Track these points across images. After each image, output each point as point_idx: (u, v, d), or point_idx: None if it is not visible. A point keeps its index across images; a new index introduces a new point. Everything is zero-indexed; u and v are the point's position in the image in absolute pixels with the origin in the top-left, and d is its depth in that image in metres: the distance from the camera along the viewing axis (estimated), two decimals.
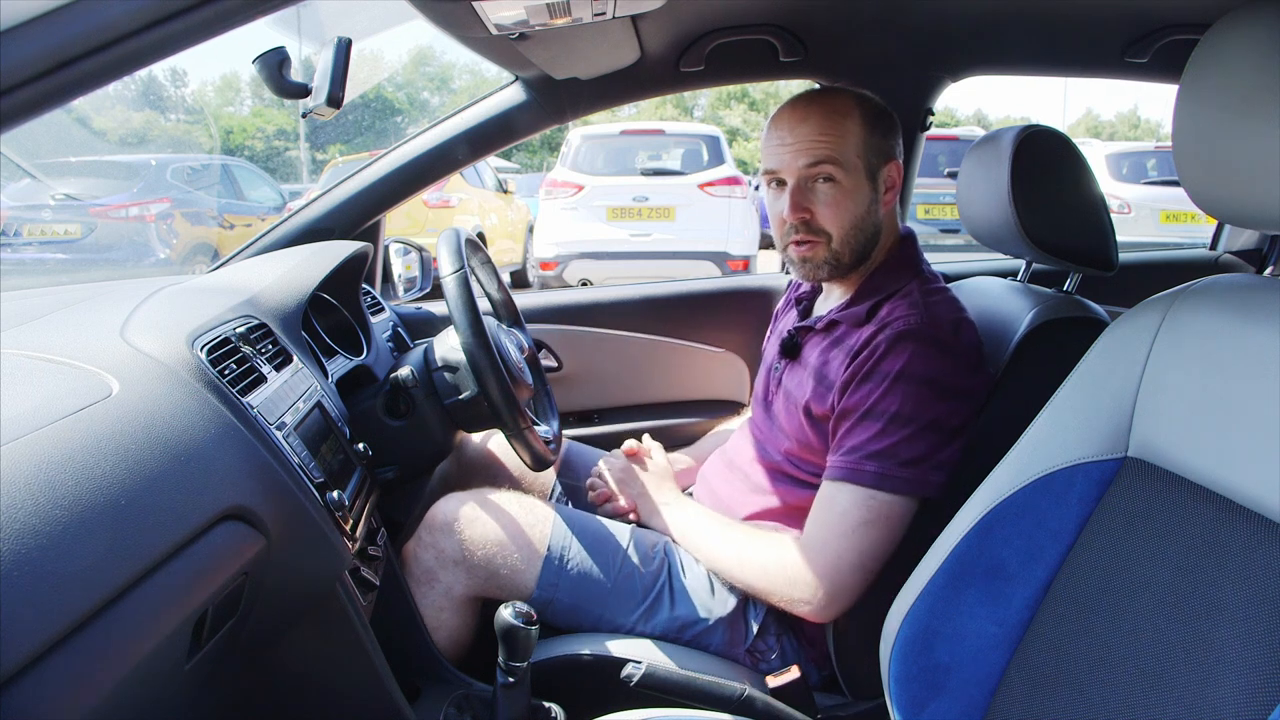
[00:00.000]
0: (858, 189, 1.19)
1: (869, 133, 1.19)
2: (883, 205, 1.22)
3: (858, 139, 1.18)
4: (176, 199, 7.11)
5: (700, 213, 6.22)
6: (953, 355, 1.12)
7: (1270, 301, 0.71)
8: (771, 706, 1.06)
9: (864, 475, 1.10)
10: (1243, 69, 0.70)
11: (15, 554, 0.54)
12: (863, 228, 1.20)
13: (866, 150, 1.19)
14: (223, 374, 0.89)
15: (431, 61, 33.07)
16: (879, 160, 1.20)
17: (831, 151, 1.17)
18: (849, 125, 1.18)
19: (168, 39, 0.66)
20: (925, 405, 1.09)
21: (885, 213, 1.23)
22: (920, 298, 1.17)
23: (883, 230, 1.23)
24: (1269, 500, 0.65)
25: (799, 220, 1.19)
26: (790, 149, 1.19)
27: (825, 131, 1.17)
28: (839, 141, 1.17)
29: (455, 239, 1.26)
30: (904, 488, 1.09)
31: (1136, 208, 7.37)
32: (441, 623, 1.26)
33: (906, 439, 1.09)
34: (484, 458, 1.55)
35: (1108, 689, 0.72)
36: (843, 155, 1.17)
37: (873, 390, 1.11)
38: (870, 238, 1.22)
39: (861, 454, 1.10)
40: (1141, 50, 1.58)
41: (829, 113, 1.18)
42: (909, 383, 1.09)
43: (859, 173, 1.18)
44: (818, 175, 1.18)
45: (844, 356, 1.16)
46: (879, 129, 1.20)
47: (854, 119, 1.18)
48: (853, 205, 1.19)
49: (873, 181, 1.20)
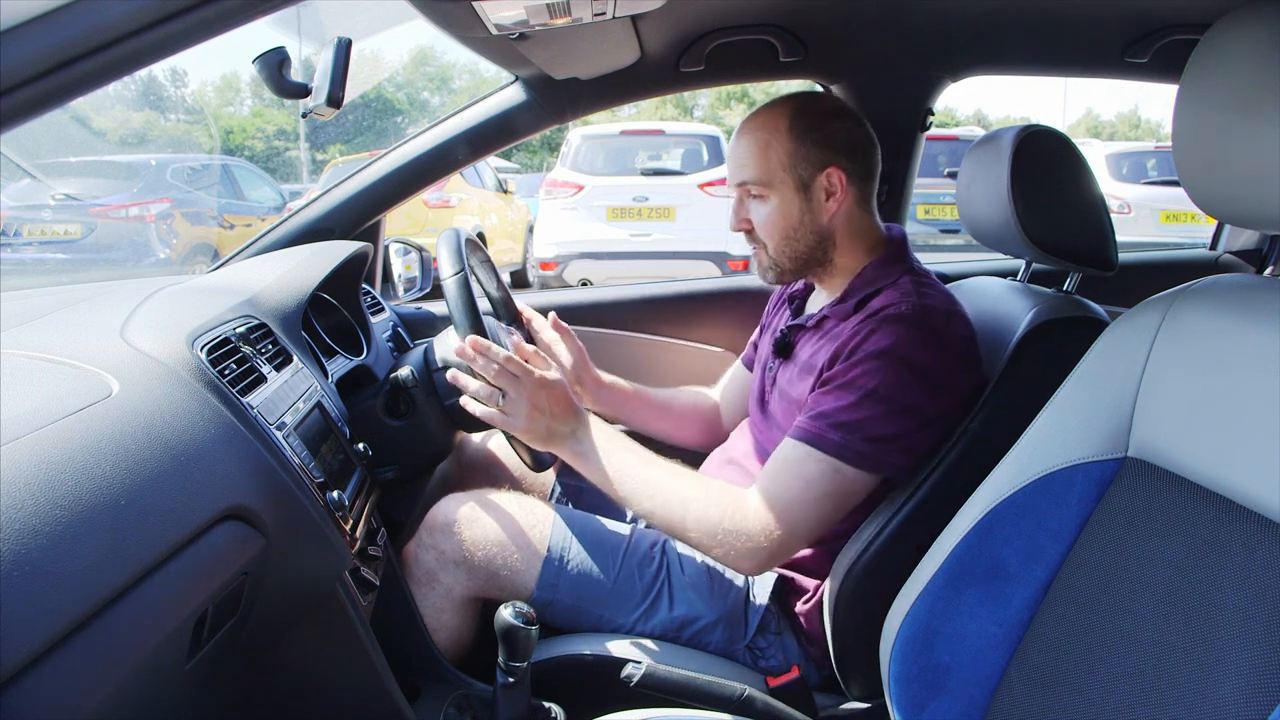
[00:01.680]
0: (785, 203, 1.22)
1: (797, 145, 1.20)
2: (824, 212, 1.22)
3: (781, 154, 1.21)
4: (176, 199, 7.12)
5: (700, 213, 6.22)
6: (940, 343, 1.11)
7: (1270, 301, 0.71)
8: (771, 706, 1.06)
9: (827, 442, 1.09)
10: (1243, 69, 0.70)
11: (15, 554, 0.54)
12: (797, 238, 1.23)
13: (793, 163, 1.21)
14: (223, 374, 0.89)
15: (431, 61, 33.08)
16: (811, 170, 1.21)
17: (753, 173, 1.22)
18: (773, 141, 1.21)
19: (168, 39, 0.66)
20: (904, 387, 1.09)
21: (831, 218, 1.23)
22: (912, 288, 1.17)
23: (835, 235, 1.24)
24: (1269, 500, 0.65)
25: (740, 230, 1.28)
26: (730, 166, 1.27)
27: (749, 152, 1.22)
28: (761, 161, 1.22)
29: (455, 239, 1.26)
30: (864, 463, 1.09)
31: (1136, 208, 7.38)
32: (442, 623, 1.26)
33: (878, 417, 1.09)
34: (484, 458, 1.55)
35: (1108, 689, 0.72)
36: (765, 174, 1.22)
37: (854, 365, 1.11)
38: (813, 245, 1.24)
39: (829, 421, 1.10)
40: (1141, 50, 1.58)
41: (755, 130, 1.23)
42: (891, 362, 1.09)
43: (786, 186, 1.22)
44: (748, 192, 1.25)
45: (833, 345, 1.17)
46: (811, 138, 1.21)
47: (780, 134, 1.21)
48: (781, 219, 1.23)
49: (804, 192, 1.22)
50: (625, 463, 1.16)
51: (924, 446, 1.12)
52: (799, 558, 1.25)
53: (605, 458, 1.16)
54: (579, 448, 1.17)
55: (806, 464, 1.10)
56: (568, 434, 1.16)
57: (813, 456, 1.10)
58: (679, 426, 1.59)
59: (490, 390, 1.14)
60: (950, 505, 0.92)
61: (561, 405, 1.15)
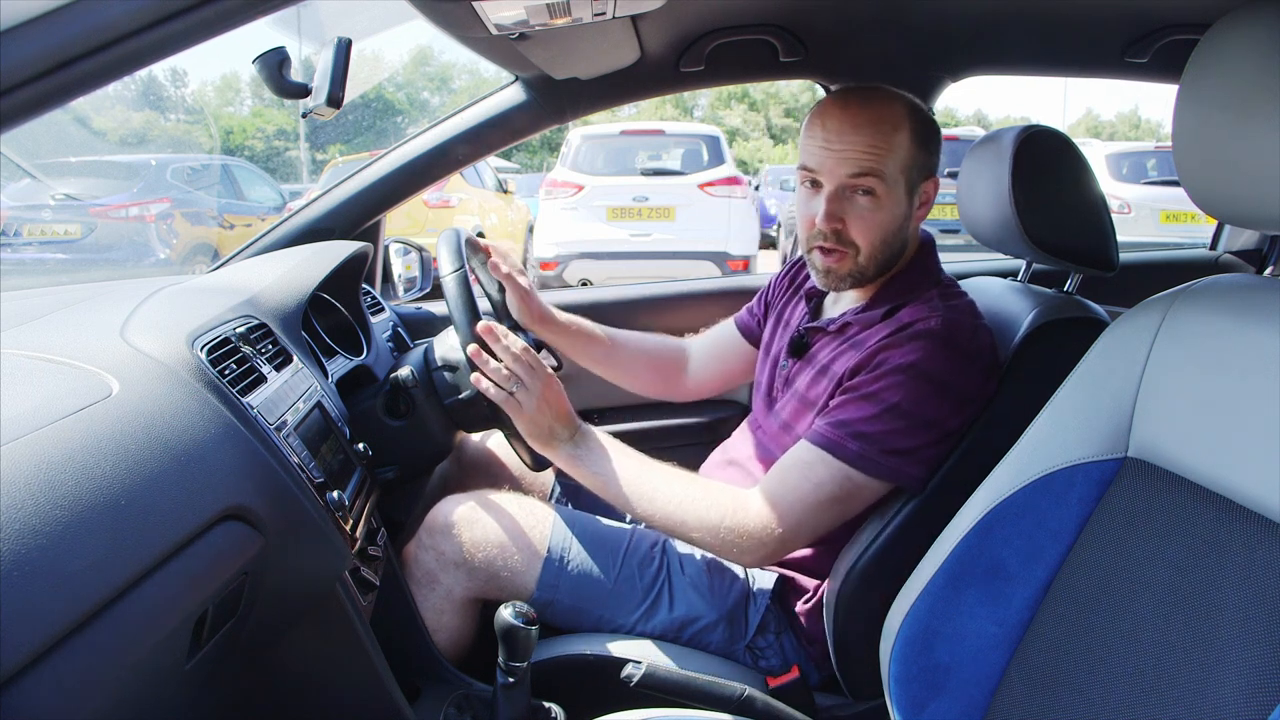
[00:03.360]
0: (895, 205, 1.16)
1: (917, 148, 1.16)
2: (915, 220, 1.21)
3: (905, 154, 1.15)
4: (176, 199, 7.12)
5: (700, 213, 6.22)
6: (966, 359, 1.11)
7: (1270, 301, 0.71)
8: (771, 706, 1.06)
9: (846, 451, 1.09)
10: (1243, 69, 0.70)
11: (15, 554, 0.54)
12: (892, 243, 1.18)
13: (911, 166, 1.16)
14: (223, 374, 0.89)
15: (431, 61, 33.11)
16: (920, 176, 1.18)
17: (878, 165, 1.13)
18: (899, 139, 1.14)
19: (168, 39, 0.66)
20: (927, 402, 1.08)
21: (916, 227, 1.22)
22: (940, 303, 1.16)
23: (909, 244, 1.23)
24: (1269, 500, 0.65)
25: (830, 229, 1.16)
26: (835, 155, 1.14)
27: (875, 144, 1.13)
28: (887, 156, 1.13)
29: (455, 239, 1.26)
30: (881, 473, 1.09)
31: (1136, 208, 7.37)
32: (442, 624, 1.26)
33: (898, 431, 1.08)
34: (484, 458, 1.55)
35: (1108, 689, 0.72)
36: (887, 170, 1.13)
37: (879, 378, 1.10)
38: (897, 252, 1.20)
39: (849, 430, 1.09)
40: (1141, 50, 1.58)
41: (881, 123, 1.14)
42: (916, 378, 1.08)
43: (899, 188, 1.15)
44: (858, 187, 1.14)
45: (856, 354, 1.15)
46: (926, 144, 1.18)
47: (904, 132, 1.15)
48: (887, 221, 1.16)
49: (910, 197, 1.18)
50: (623, 466, 1.16)
51: (941, 458, 1.11)
52: (799, 557, 1.25)
53: (602, 463, 1.16)
54: (575, 451, 1.17)
55: (818, 468, 1.10)
56: (566, 437, 1.17)
57: (826, 462, 1.10)
58: (634, 372, 1.56)
59: (507, 374, 1.14)
60: (950, 505, 0.92)
61: (561, 406, 1.16)
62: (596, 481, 1.16)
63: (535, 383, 1.13)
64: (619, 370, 1.55)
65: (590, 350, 1.52)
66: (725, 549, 1.12)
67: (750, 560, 1.13)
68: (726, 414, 1.98)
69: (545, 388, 1.14)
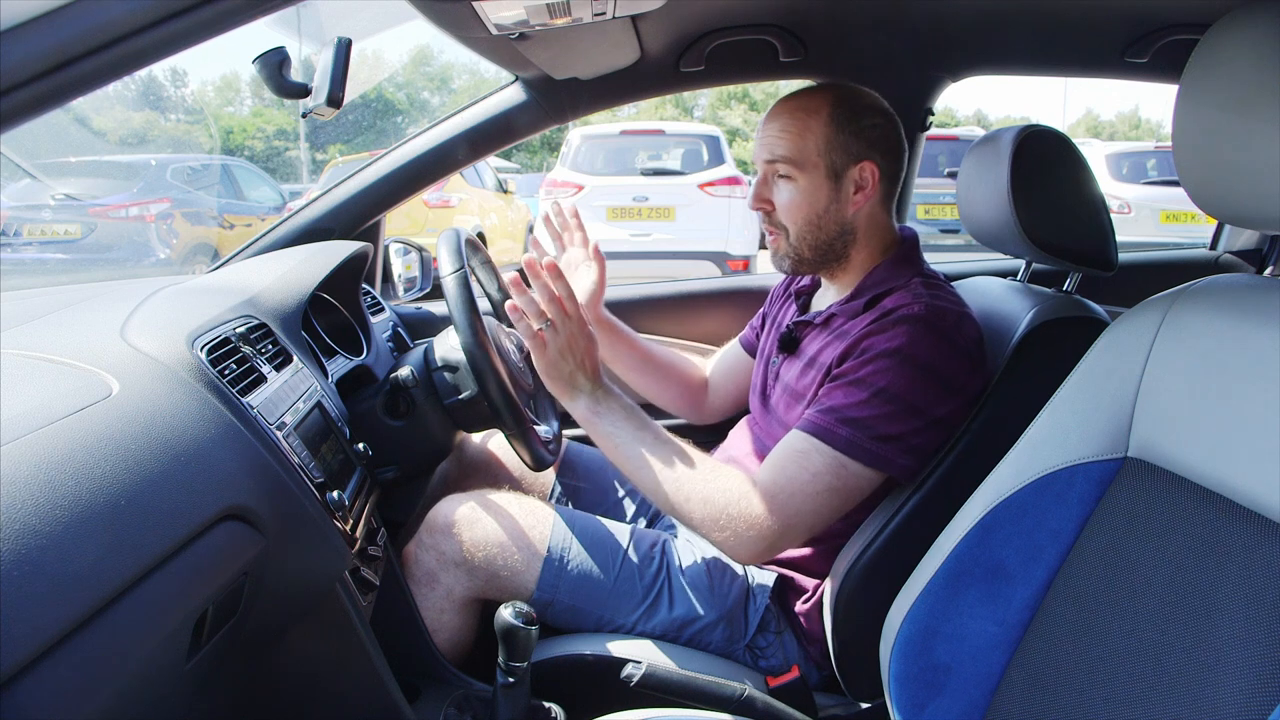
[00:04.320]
0: (814, 188, 1.21)
1: (835, 132, 1.20)
2: (850, 205, 1.22)
3: (819, 138, 1.19)
4: (176, 199, 7.12)
5: (700, 213, 6.22)
6: (951, 345, 1.11)
7: (1270, 301, 0.71)
8: (771, 706, 1.06)
9: (836, 438, 1.09)
10: (1243, 69, 0.70)
11: (15, 554, 0.54)
12: (821, 226, 1.22)
13: (829, 149, 1.20)
14: (223, 374, 0.89)
15: (431, 61, 33.12)
16: (845, 160, 1.20)
17: (787, 151, 1.20)
18: (812, 124, 1.19)
19: (168, 39, 0.66)
20: (914, 387, 1.09)
21: (856, 212, 1.23)
22: (924, 290, 1.17)
23: (857, 230, 1.24)
24: (1269, 500, 0.65)
25: (759, 209, 1.25)
26: (759, 142, 1.24)
27: (785, 130, 1.20)
28: (798, 140, 1.20)
29: (455, 239, 1.26)
30: (873, 461, 1.09)
31: (1136, 208, 7.38)
32: (442, 624, 1.26)
33: (887, 415, 1.08)
34: (484, 458, 1.55)
35: (1108, 689, 0.72)
36: (800, 154, 1.20)
37: (866, 363, 1.11)
38: (834, 236, 1.23)
39: (838, 416, 1.09)
40: (1141, 50, 1.58)
41: (795, 110, 1.21)
42: (902, 362, 1.09)
43: (817, 171, 1.20)
44: (775, 171, 1.22)
45: (842, 343, 1.16)
46: (850, 129, 1.20)
47: (820, 117, 1.20)
48: (806, 204, 1.21)
49: (835, 181, 1.21)
50: (639, 432, 1.16)
51: (929, 447, 1.12)
52: (799, 557, 1.25)
53: (618, 424, 1.16)
54: (596, 406, 1.16)
55: (812, 457, 1.10)
56: (587, 389, 1.17)
57: (819, 450, 1.10)
58: (664, 386, 1.58)
59: (539, 311, 1.14)
60: (950, 505, 0.92)
61: (590, 360, 1.17)
62: (609, 443, 1.16)
63: (566, 327, 1.14)
64: (649, 382, 1.58)
65: (630, 357, 1.55)
66: (723, 537, 1.10)
67: (745, 553, 1.11)
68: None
69: (573, 335, 1.15)
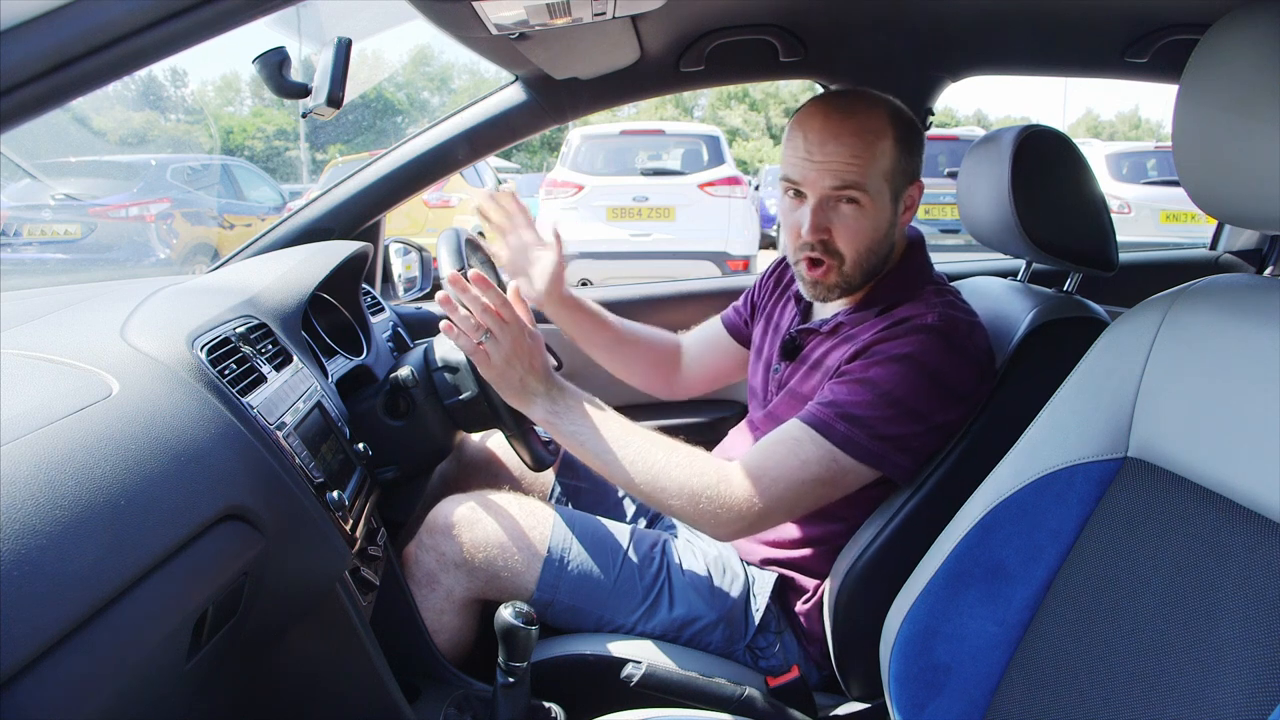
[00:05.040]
0: (880, 212, 1.15)
1: (899, 154, 1.15)
2: (900, 224, 1.20)
3: (888, 162, 1.14)
4: (176, 199, 7.12)
5: (700, 213, 6.22)
6: (961, 355, 1.11)
7: (1270, 301, 0.71)
8: (771, 706, 1.06)
9: (833, 432, 1.08)
10: (1243, 69, 0.70)
11: (15, 554, 0.54)
12: (877, 250, 1.18)
13: (894, 173, 1.15)
14: (223, 374, 0.89)
15: (431, 61, 33.11)
16: (904, 182, 1.18)
17: (860, 177, 1.12)
18: (881, 147, 1.13)
19: (168, 39, 0.66)
20: (919, 394, 1.08)
21: (900, 231, 1.22)
22: (937, 300, 1.16)
23: (895, 247, 1.22)
24: (1269, 501, 0.65)
25: (817, 240, 1.16)
26: (817, 166, 1.13)
27: (857, 155, 1.12)
28: (869, 165, 1.12)
29: (455, 239, 1.26)
30: (868, 458, 1.09)
31: (1136, 208, 7.38)
32: (443, 625, 1.26)
33: (889, 418, 1.08)
34: (484, 458, 1.55)
35: (1108, 689, 0.72)
36: (870, 179, 1.13)
37: (874, 365, 1.10)
38: (884, 258, 1.20)
39: (838, 411, 1.09)
40: (1141, 50, 1.58)
41: (862, 133, 1.13)
42: (911, 368, 1.08)
43: (883, 196, 1.15)
44: (842, 197, 1.14)
45: (850, 347, 1.15)
46: (909, 149, 1.17)
47: (887, 140, 1.13)
48: (871, 229, 1.15)
49: (895, 204, 1.17)
50: (604, 427, 1.13)
51: (927, 450, 1.12)
52: (799, 557, 1.25)
53: (580, 422, 1.13)
54: (553, 406, 1.13)
55: (806, 446, 1.09)
56: (541, 392, 1.13)
57: (814, 440, 1.09)
58: (635, 363, 1.55)
59: (475, 324, 1.11)
60: (950, 505, 0.92)
61: (538, 362, 1.13)
62: (573, 442, 1.13)
63: (505, 335, 1.10)
64: (620, 361, 1.55)
65: (599, 336, 1.51)
66: (702, 519, 1.09)
67: (725, 533, 1.10)
68: (726, 414, 1.98)
69: (516, 340, 1.10)
